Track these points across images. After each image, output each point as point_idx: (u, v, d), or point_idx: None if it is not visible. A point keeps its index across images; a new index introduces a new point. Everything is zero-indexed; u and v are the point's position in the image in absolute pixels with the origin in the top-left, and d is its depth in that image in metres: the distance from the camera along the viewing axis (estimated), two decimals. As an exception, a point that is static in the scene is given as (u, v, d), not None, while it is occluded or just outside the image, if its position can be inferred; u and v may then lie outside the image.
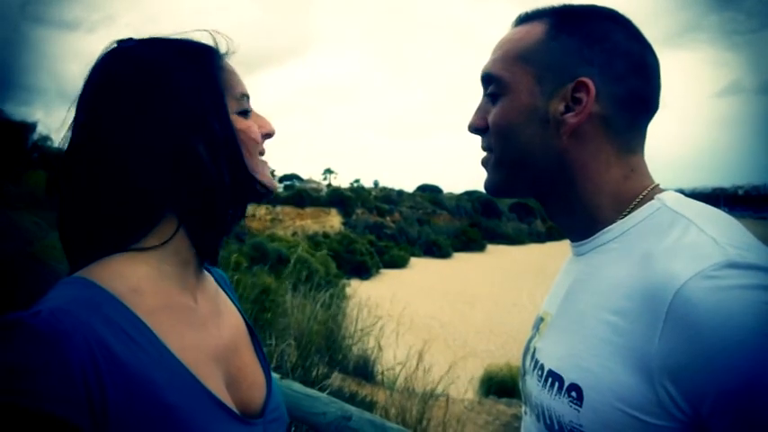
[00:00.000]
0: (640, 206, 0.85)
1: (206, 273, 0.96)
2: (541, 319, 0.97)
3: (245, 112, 0.89)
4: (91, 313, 0.70)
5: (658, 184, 0.90)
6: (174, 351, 0.76)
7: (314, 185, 63.75)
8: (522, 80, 0.88)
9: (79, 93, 0.83)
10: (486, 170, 0.96)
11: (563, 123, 0.86)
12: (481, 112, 0.95)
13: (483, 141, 0.96)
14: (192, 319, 0.84)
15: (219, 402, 0.78)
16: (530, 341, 0.99)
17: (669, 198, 0.85)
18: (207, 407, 0.76)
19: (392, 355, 5.89)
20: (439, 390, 4.88)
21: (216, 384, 0.80)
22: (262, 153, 0.92)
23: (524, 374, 0.96)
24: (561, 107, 0.86)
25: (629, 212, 0.85)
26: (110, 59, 0.83)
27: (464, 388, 6.82)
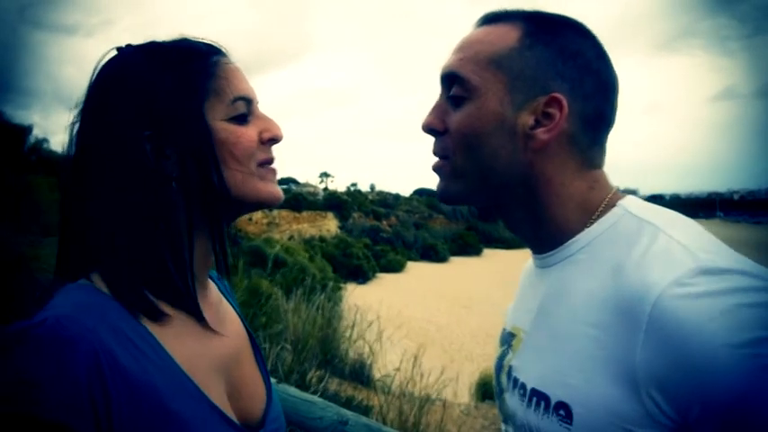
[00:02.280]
0: (604, 214, 0.84)
1: (209, 281, 0.95)
2: (512, 335, 0.95)
3: (241, 118, 0.85)
4: (97, 321, 0.69)
5: (617, 190, 0.89)
6: (178, 360, 0.76)
7: (310, 189, 63.63)
8: (492, 87, 0.84)
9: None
10: (440, 177, 0.91)
11: (532, 138, 0.83)
12: (439, 112, 0.90)
13: (436, 145, 0.90)
14: (195, 328, 0.83)
15: (221, 413, 0.78)
16: (502, 358, 0.96)
17: (631, 204, 0.84)
18: (209, 417, 0.76)
19: (388, 360, 5.88)
20: (435, 394, 4.87)
21: (218, 394, 0.80)
22: (266, 162, 0.87)
23: (502, 393, 0.94)
24: (531, 120, 0.83)
25: (594, 221, 0.85)
26: (101, 68, 0.84)
27: (460, 392, 6.82)
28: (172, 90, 0.80)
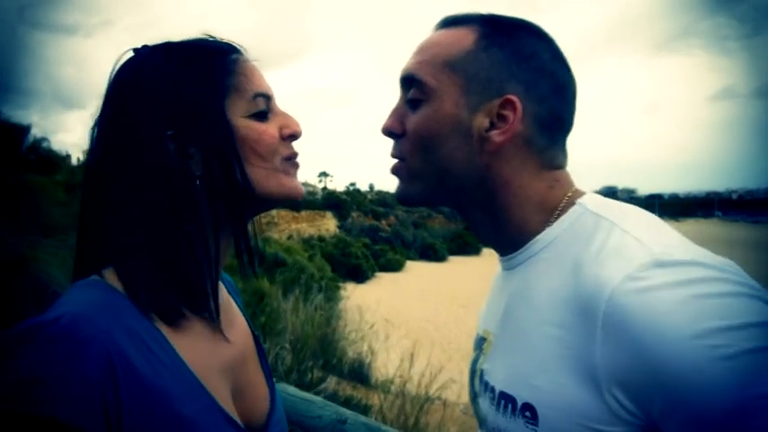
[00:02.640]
0: (564, 212, 0.84)
1: (220, 281, 0.93)
2: (483, 339, 0.95)
3: (261, 114, 0.84)
4: (111, 321, 0.69)
5: (578, 189, 0.88)
6: (189, 363, 0.75)
7: (309, 189, 63.65)
8: (448, 89, 0.85)
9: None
10: (399, 179, 0.91)
11: (487, 140, 0.83)
12: (398, 115, 0.90)
13: (394, 148, 0.91)
14: (205, 330, 0.82)
15: (228, 416, 0.77)
16: (475, 362, 0.96)
17: (590, 201, 0.84)
18: (217, 421, 0.76)
19: (387, 359, 5.88)
20: (435, 393, 4.87)
21: (224, 397, 0.79)
22: (291, 156, 0.87)
23: (475, 398, 0.94)
24: (486, 123, 0.83)
25: (554, 220, 0.84)
26: (119, 69, 0.83)
27: (460, 391, 6.82)
28: (193, 88, 0.79)
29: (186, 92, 0.79)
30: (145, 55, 0.83)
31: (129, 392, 0.65)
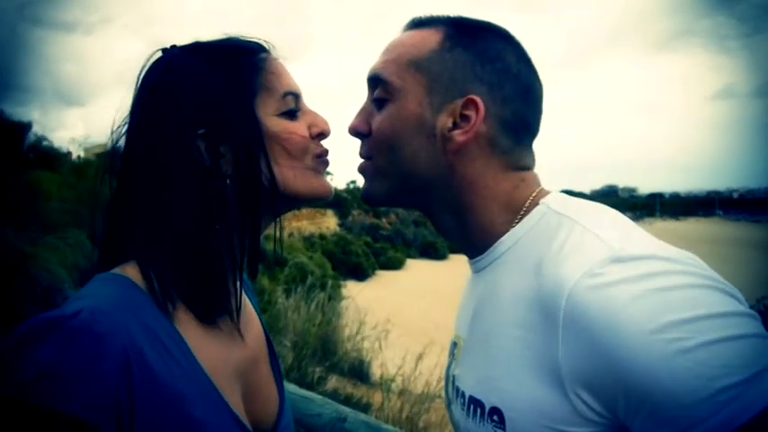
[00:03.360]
0: (528, 213, 0.84)
1: None
2: (455, 344, 0.94)
3: (291, 113, 0.85)
4: (130, 317, 0.69)
5: (543, 189, 0.88)
6: (202, 362, 0.75)
7: (310, 187, 63.48)
8: (411, 89, 0.85)
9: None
10: (365, 178, 0.91)
11: (450, 140, 0.83)
12: (364, 115, 0.90)
13: (362, 147, 0.91)
14: (221, 331, 0.81)
15: (238, 419, 0.77)
16: (448, 369, 0.95)
17: (553, 200, 0.83)
18: (227, 424, 0.75)
19: (388, 357, 5.88)
20: (435, 391, 4.87)
21: (235, 399, 0.79)
22: (321, 155, 0.87)
23: (449, 404, 0.93)
24: (449, 122, 0.83)
25: (519, 221, 0.84)
26: (148, 69, 0.83)
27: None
28: (222, 87, 0.79)
29: (216, 91, 0.79)
30: (174, 56, 0.83)
31: (143, 391, 0.66)
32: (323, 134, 0.88)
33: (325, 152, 0.88)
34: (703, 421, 0.58)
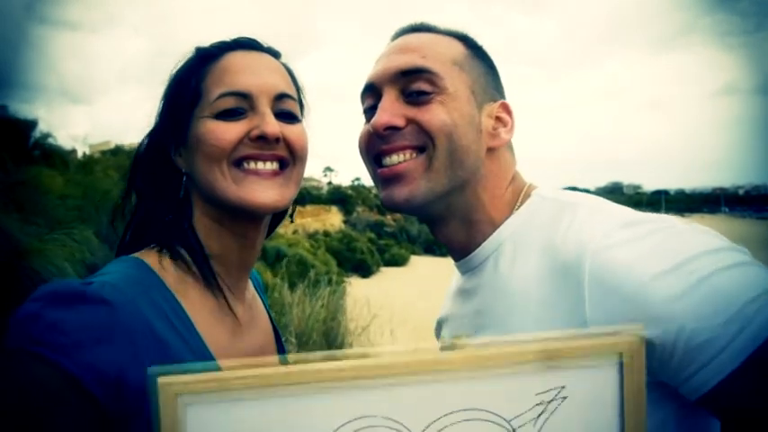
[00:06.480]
0: (521, 206, 0.90)
1: (248, 279, 0.97)
2: (454, 346, 0.96)
3: (228, 113, 0.83)
4: (138, 293, 0.73)
5: (531, 184, 0.95)
6: (210, 347, 0.79)
7: (314, 184, 63.66)
8: (459, 85, 0.88)
9: None
10: (406, 175, 0.88)
11: (496, 137, 0.90)
12: (394, 109, 0.88)
13: (396, 141, 0.88)
14: (228, 322, 0.85)
15: None
16: None
17: (546, 191, 0.91)
18: None
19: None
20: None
21: None
22: (244, 159, 0.84)
23: None
24: (491, 122, 0.90)
25: (511, 214, 0.90)
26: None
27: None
28: (172, 94, 0.90)
29: (169, 99, 0.91)
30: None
31: (152, 361, 0.67)
32: (263, 137, 0.83)
33: (255, 156, 0.84)
34: (737, 335, 0.64)
